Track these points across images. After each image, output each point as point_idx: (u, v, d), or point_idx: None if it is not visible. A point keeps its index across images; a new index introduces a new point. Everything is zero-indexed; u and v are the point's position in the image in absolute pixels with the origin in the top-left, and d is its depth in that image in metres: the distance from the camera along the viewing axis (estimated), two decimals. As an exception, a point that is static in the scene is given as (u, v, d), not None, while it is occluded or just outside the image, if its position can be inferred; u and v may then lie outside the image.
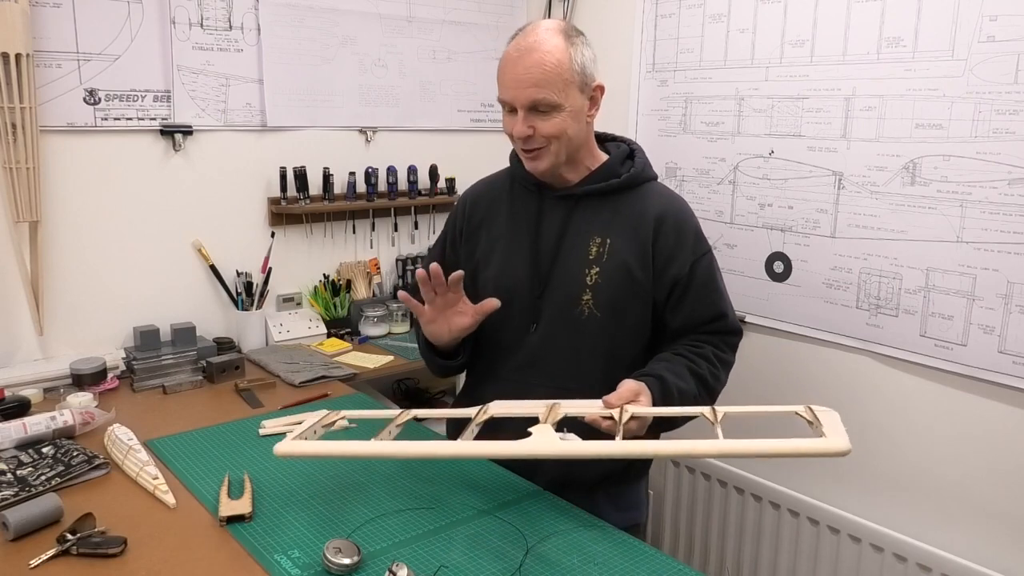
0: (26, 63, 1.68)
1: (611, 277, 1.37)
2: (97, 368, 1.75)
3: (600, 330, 1.39)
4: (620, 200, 1.41)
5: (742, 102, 2.01)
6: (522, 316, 1.42)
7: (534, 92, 1.30)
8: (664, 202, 1.43)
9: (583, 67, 1.33)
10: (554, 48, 1.30)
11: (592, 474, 1.43)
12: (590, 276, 1.38)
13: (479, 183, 1.59)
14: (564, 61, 1.31)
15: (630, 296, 1.38)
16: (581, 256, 1.39)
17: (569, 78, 1.31)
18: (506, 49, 1.35)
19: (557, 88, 1.30)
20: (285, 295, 2.26)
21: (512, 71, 1.32)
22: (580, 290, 1.38)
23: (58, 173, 1.84)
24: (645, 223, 1.39)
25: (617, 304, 1.38)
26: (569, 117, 1.33)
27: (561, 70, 1.30)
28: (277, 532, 1.16)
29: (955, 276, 1.65)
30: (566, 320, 1.39)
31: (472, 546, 1.14)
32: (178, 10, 1.94)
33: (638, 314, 1.41)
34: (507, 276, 1.44)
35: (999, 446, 1.64)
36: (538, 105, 1.31)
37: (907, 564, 1.76)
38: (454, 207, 1.59)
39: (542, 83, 1.30)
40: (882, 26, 1.72)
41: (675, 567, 1.11)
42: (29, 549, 1.10)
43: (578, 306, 1.38)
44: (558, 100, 1.31)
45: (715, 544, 2.19)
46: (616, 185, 1.40)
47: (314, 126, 2.23)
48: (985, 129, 1.58)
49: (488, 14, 2.52)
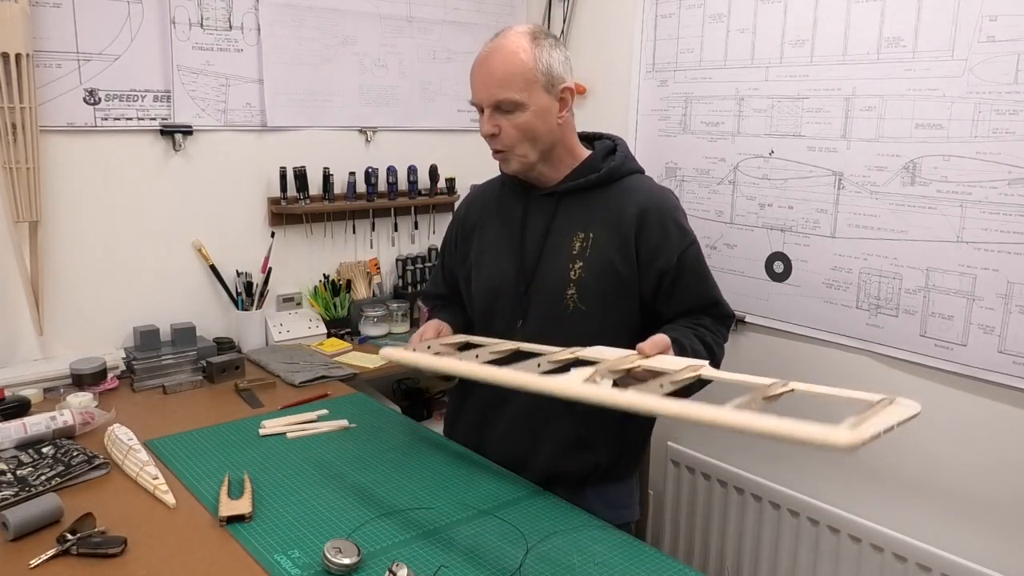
0: (26, 63, 1.68)
1: (594, 271, 1.40)
2: (97, 368, 1.75)
3: (585, 323, 1.40)
4: (602, 195, 1.43)
5: (742, 102, 2.01)
6: (510, 312, 1.46)
7: (496, 91, 1.35)
8: (647, 195, 1.44)
9: (548, 68, 1.36)
10: (517, 49, 1.35)
11: (581, 467, 1.45)
12: (574, 271, 1.40)
13: (475, 189, 1.65)
14: (527, 61, 1.34)
15: (614, 289, 1.40)
16: (565, 251, 1.42)
17: (532, 78, 1.35)
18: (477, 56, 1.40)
19: (518, 88, 1.35)
20: (285, 295, 2.26)
21: (478, 73, 1.38)
22: (564, 284, 1.41)
23: (58, 173, 1.84)
24: (627, 217, 1.40)
25: (601, 297, 1.40)
26: (534, 117, 1.36)
27: (524, 70, 1.34)
28: (277, 532, 1.16)
29: (955, 276, 1.65)
30: (552, 314, 1.42)
31: (472, 546, 1.14)
32: (178, 10, 1.94)
33: (623, 307, 1.42)
34: (495, 274, 1.48)
35: (999, 446, 1.64)
36: (501, 104, 1.36)
37: (907, 564, 1.76)
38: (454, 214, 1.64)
39: (503, 83, 1.35)
40: (882, 26, 1.72)
41: (675, 567, 1.11)
42: (29, 549, 1.10)
43: (563, 300, 1.41)
44: (520, 99, 1.35)
45: (715, 544, 2.19)
46: (596, 180, 1.43)
47: (314, 126, 2.23)
48: (985, 129, 1.58)
49: (488, 14, 2.52)
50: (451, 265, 1.62)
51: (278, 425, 1.55)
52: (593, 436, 1.45)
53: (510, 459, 1.44)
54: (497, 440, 1.49)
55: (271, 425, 1.55)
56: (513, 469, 1.40)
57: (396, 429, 1.57)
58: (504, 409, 1.48)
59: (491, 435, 1.50)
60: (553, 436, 1.44)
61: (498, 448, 1.47)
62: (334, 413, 1.61)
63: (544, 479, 1.37)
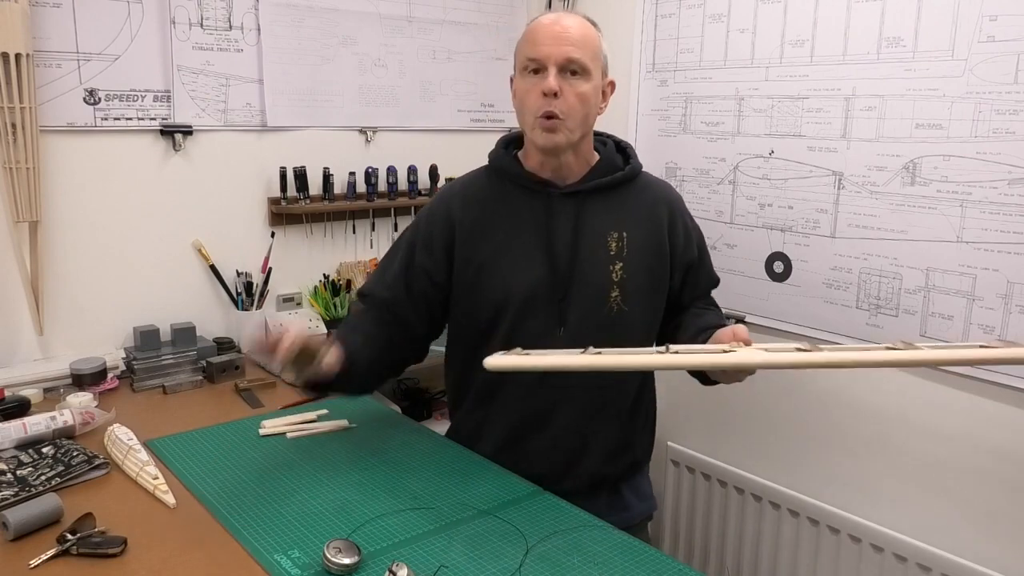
0: (26, 63, 1.68)
1: (635, 271, 1.39)
2: (97, 368, 1.75)
3: (630, 324, 1.39)
4: (625, 193, 1.43)
5: (742, 102, 2.01)
6: (546, 321, 1.37)
7: (571, 50, 1.29)
8: (664, 192, 1.48)
9: (606, 55, 1.38)
10: (589, 25, 1.35)
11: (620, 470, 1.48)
12: (615, 272, 1.38)
13: (454, 184, 1.51)
14: (597, 38, 1.35)
15: (653, 288, 1.42)
16: (603, 253, 1.38)
17: (598, 55, 1.35)
18: (534, 21, 1.36)
19: (591, 55, 1.33)
20: (285, 295, 2.25)
21: (549, 30, 1.31)
22: (608, 287, 1.37)
23: (58, 173, 1.84)
24: (658, 215, 1.42)
25: (643, 297, 1.41)
26: (592, 91, 1.34)
27: (597, 43, 1.35)
28: (277, 532, 1.16)
29: (955, 276, 1.65)
30: (597, 319, 1.38)
31: (472, 546, 1.14)
32: (178, 10, 1.94)
33: (659, 304, 1.45)
34: (523, 281, 1.37)
35: (999, 446, 1.64)
36: (572, 64, 1.30)
37: (907, 564, 1.76)
38: (425, 213, 1.48)
39: (581, 44, 1.31)
40: (882, 26, 1.72)
41: (675, 567, 1.11)
42: (29, 549, 1.10)
43: (606, 303, 1.38)
44: (590, 67, 1.32)
45: (715, 544, 2.19)
46: (620, 178, 1.42)
47: (314, 126, 2.23)
48: (985, 129, 1.58)
49: (488, 14, 2.52)
50: (426, 267, 1.42)
51: (278, 425, 1.55)
52: (633, 436, 1.47)
53: (550, 470, 1.39)
54: (536, 454, 1.42)
55: (271, 425, 1.55)
56: (552, 479, 1.35)
57: (396, 429, 1.57)
58: (548, 423, 1.41)
59: (529, 449, 1.42)
60: (600, 443, 1.43)
61: (537, 460, 1.40)
62: (334, 413, 1.61)
63: (587, 486, 1.37)
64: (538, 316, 1.37)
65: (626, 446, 1.47)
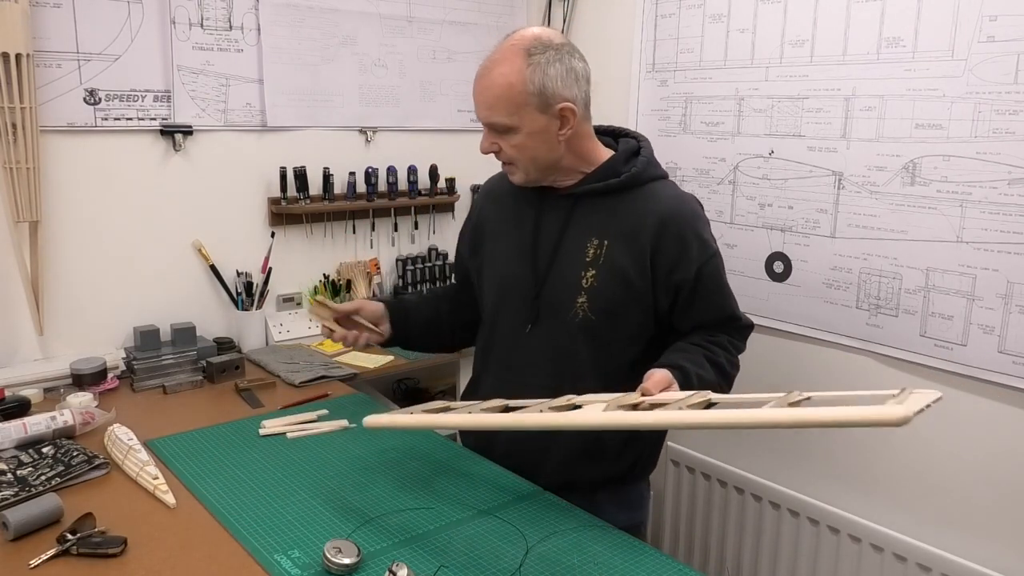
0: (26, 63, 1.68)
1: (607, 281, 1.35)
2: (97, 368, 1.75)
3: (594, 333, 1.37)
4: (621, 200, 1.38)
5: (742, 102, 2.01)
6: (520, 315, 1.42)
7: (488, 114, 1.32)
8: (668, 204, 1.37)
9: (542, 88, 1.27)
10: (507, 71, 1.28)
11: (595, 475, 1.43)
12: (586, 279, 1.36)
13: (496, 175, 1.58)
14: (516, 84, 1.27)
15: (626, 301, 1.36)
16: (578, 258, 1.37)
17: (521, 101, 1.28)
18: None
19: (506, 112, 1.29)
20: (285, 295, 2.25)
21: (474, 90, 1.34)
22: (575, 292, 1.36)
23: (58, 173, 1.84)
24: (645, 227, 1.35)
25: (612, 308, 1.36)
26: (528, 138, 1.31)
27: (512, 93, 1.28)
28: (277, 532, 1.16)
29: (955, 276, 1.65)
30: (560, 321, 1.38)
31: (472, 546, 1.14)
32: (178, 10, 1.94)
33: (635, 319, 1.38)
34: (507, 275, 1.45)
35: (999, 446, 1.64)
36: (493, 127, 1.33)
37: (907, 564, 1.76)
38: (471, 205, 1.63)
39: (492, 106, 1.31)
40: (882, 26, 1.72)
41: (675, 567, 1.11)
42: (29, 549, 1.10)
43: (572, 308, 1.37)
44: (509, 123, 1.30)
45: (715, 544, 2.19)
46: (615, 185, 1.37)
47: (314, 126, 2.23)
48: (985, 129, 1.58)
49: (488, 14, 2.52)
50: (462, 252, 1.60)
51: (278, 425, 1.55)
52: (602, 448, 1.42)
53: (521, 463, 1.40)
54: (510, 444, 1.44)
55: (271, 425, 1.55)
56: (525, 475, 1.37)
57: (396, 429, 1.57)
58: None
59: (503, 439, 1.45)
60: (562, 446, 1.42)
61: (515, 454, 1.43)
62: (334, 413, 1.61)
63: (557, 485, 1.35)
64: (513, 311, 1.43)
65: (591, 455, 1.41)
